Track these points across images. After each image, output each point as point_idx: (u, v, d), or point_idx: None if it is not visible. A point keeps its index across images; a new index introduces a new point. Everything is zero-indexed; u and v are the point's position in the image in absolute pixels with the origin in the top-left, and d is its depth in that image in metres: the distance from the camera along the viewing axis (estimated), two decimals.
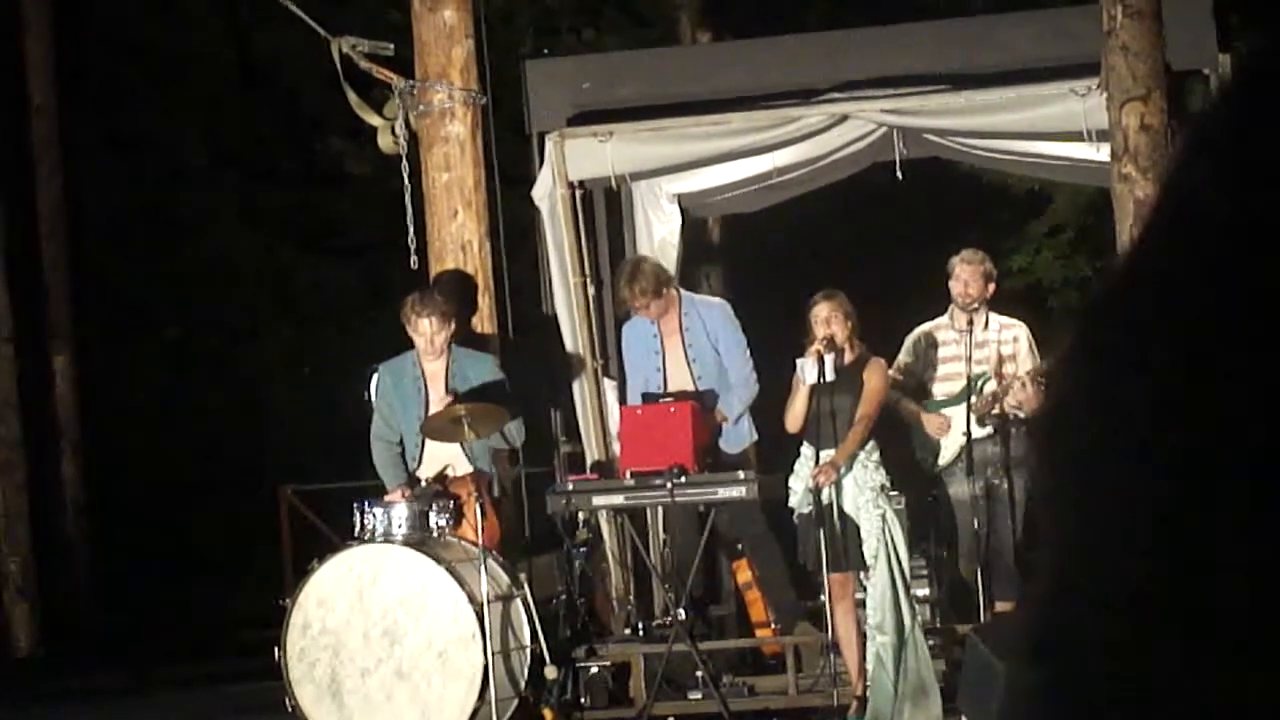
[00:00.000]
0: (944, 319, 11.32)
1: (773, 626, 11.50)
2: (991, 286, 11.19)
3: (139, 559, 19.30)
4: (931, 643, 10.38)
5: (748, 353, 11.50)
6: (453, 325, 11.05)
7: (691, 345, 11.51)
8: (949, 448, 11.16)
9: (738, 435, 11.46)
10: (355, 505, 10.64)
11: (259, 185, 21.58)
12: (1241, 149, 0.84)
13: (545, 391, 12.39)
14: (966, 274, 11.16)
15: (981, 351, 11.09)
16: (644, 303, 11.33)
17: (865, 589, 10.30)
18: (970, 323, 11.13)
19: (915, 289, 11.55)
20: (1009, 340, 11.10)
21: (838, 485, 10.23)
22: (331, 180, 20.76)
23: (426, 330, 10.93)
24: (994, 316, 11.18)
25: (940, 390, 11.25)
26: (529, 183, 12.41)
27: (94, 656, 16.95)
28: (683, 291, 11.72)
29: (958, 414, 11.08)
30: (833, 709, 10.38)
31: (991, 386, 11.04)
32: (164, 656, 16.41)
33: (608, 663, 11.07)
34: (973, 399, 10.99)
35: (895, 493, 10.32)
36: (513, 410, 10.86)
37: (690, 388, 11.43)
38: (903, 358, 11.31)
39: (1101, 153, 10.92)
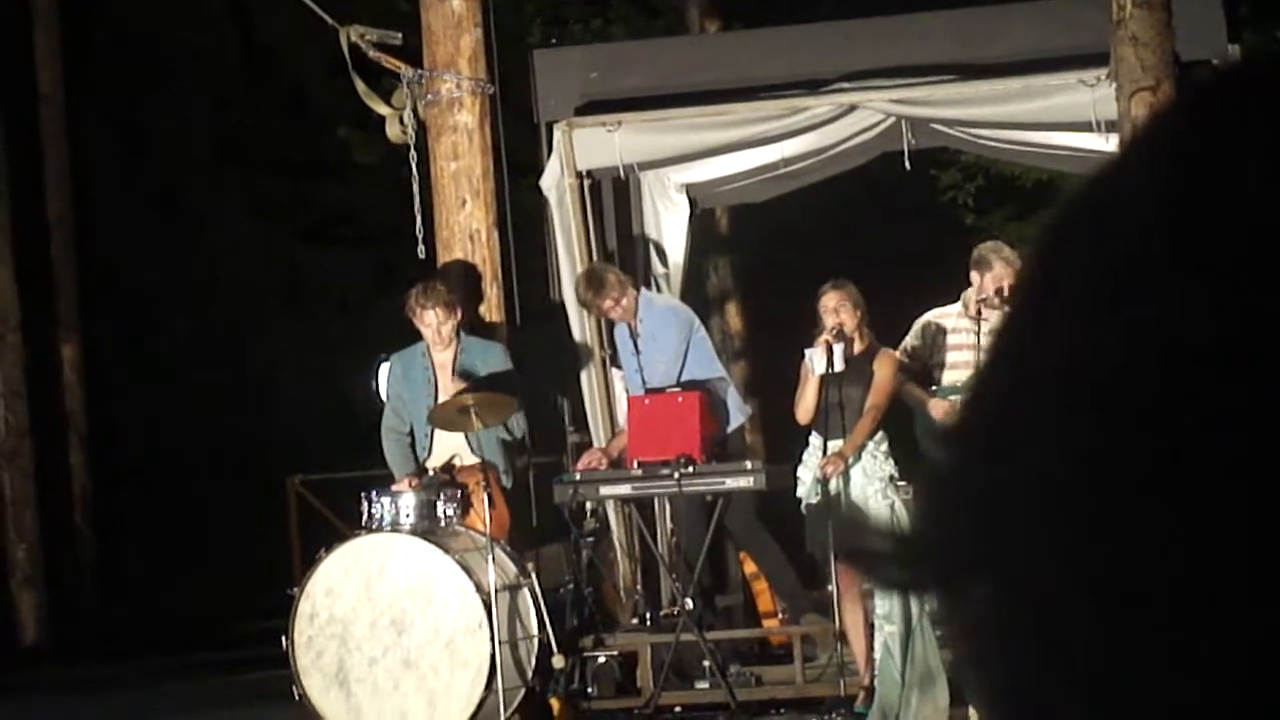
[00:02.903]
0: (955, 307, 11.26)
1: (780, 616, 11.49)
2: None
3: (146, 548, 19.33)
4: (939, 632, 10.36)
5: (676, 359, 11.30)
6: (459, 314, 11.03)
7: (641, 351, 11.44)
8: None
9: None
10: (363, 494, 10.63)
11: (266, 174, 21.58)
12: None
13: (553, 380, 12.38)
14: (1008, 275, 10.99)
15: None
16: (615, 300, 11.25)
17: None
18: (980, 314, 11.09)
19: (924, 279, 11.52)
20: None
21: (846, 475, 10.22)
22: (339, 170, 20.76)
23: (433, 322, 10.91)
24: None
25: (948, 378, 11.22)
26: (537, 172, 12.40)
27: (100, 645, 16.98)
28: (642, 291, 11.61)
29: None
30: (840, 699, 10.37)
31: None
32: (170, 645, 16.43)
33: (615, 652, 11.06)
34: None
35: (904, 483, 10.30)
36: (518, 401, 10.83)
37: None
38: (911, 341, 11.26)
39: (1111, 143, 10.91)
